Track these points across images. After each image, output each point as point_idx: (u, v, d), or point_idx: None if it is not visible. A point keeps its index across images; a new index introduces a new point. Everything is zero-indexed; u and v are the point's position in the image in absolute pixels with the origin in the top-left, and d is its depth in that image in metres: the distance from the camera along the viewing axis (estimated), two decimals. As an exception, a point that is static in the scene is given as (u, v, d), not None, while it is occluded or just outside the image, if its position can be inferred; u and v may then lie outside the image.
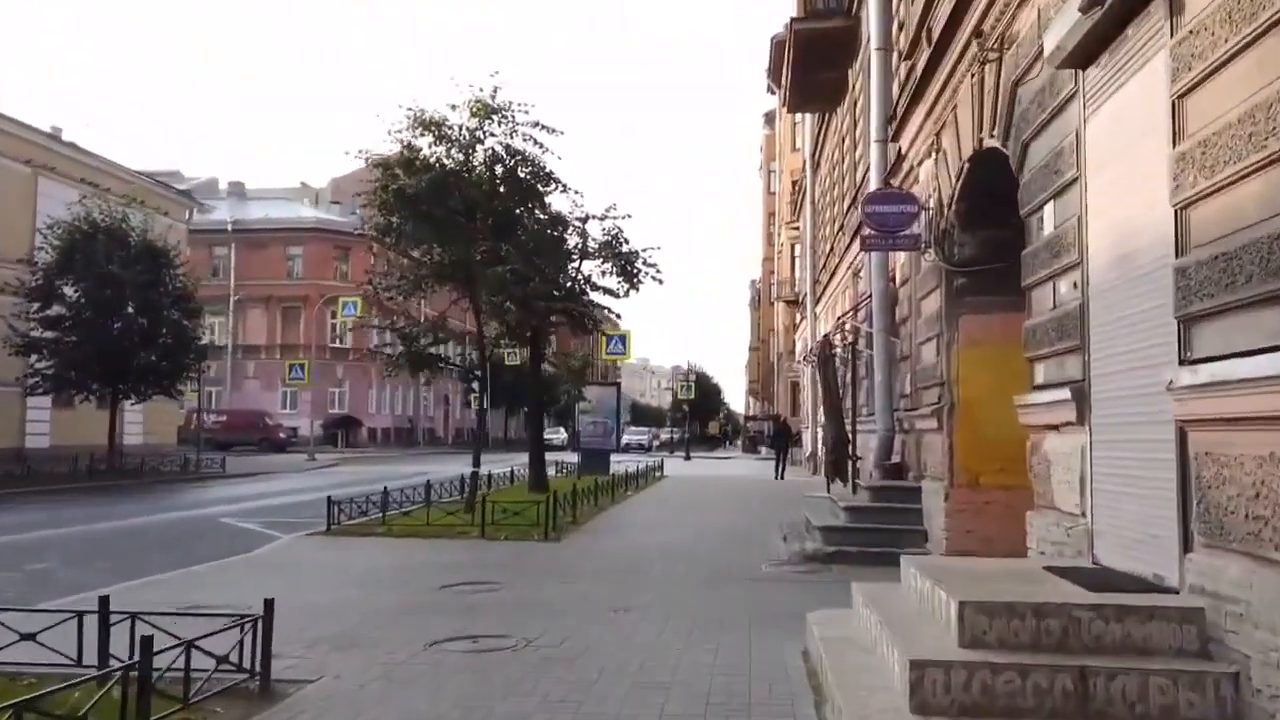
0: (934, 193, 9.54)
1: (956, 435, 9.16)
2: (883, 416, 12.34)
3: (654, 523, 14.10)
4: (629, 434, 65.82)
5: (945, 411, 9.27)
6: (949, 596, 4.21)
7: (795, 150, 51.36)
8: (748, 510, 16.63)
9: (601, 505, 16.16)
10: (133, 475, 24.90)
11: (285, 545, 11.41)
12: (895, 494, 10.99)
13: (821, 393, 14.89)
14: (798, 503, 17.95)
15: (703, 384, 79.05)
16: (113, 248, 24.08)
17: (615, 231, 19.65)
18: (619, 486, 19.33)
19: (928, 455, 10.02)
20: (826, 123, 23.18)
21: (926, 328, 9.96)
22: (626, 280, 19.96)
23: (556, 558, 10.53)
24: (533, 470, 19.34)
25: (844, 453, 14.26)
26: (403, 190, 14.27)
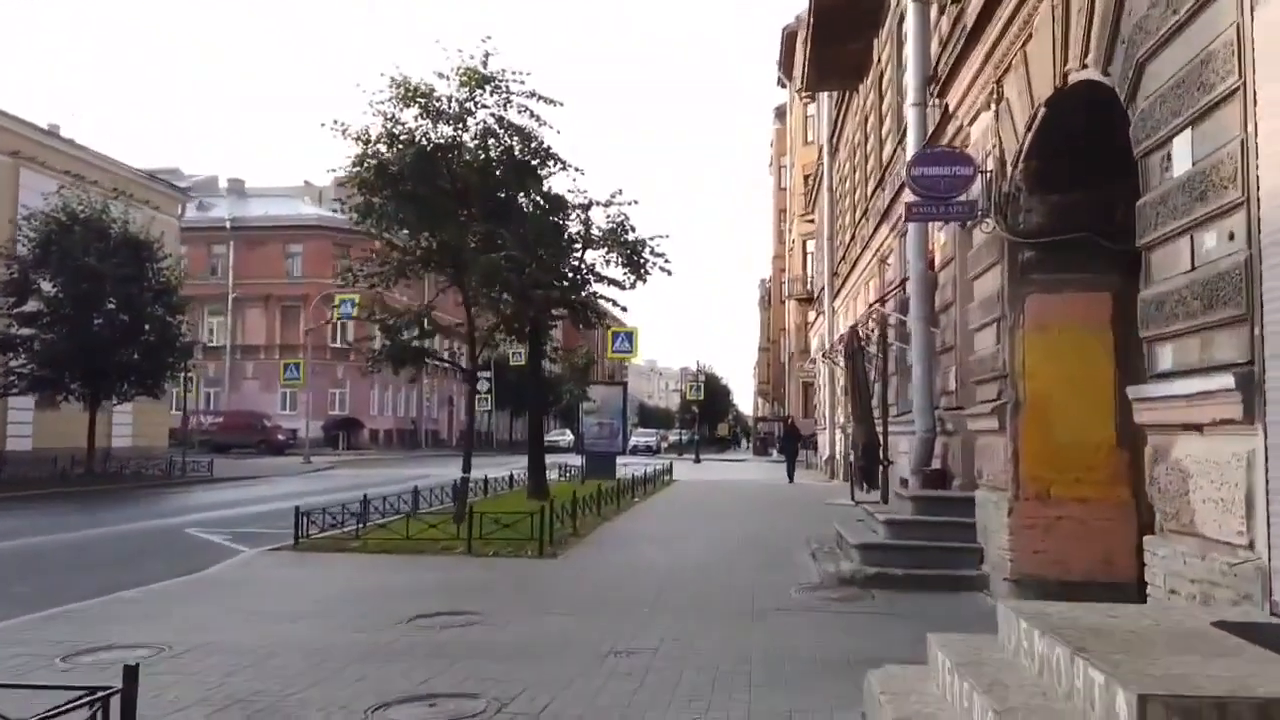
0: (993, 151, 8.09)
1: (1023, 437, 7.71)
2: (922, 416, 10.88)
3: (664, 534, 12.67)
4: (636, 436, 64.44)
5: (1008, 410, 7.82)
6: (1112, 682, 2.77)
7: (808, 143, 49.91)
8: (765, 518, 15.19)
9: (605, 514, 14.75)
10: (113, 480, 23.59)
11: (240, 564, 10.02)
12: (941, 505, 9.54)
13: (847, 390, 13.43)
14: (818, 510, 16.54)
15: (712, 385, 77.62)
16: (90, 239, 22.78)
17: (620, 219, 18.31)
18: (625, 492, 17.90)
19: (984, 461, 8.57)
20: (846, 103, 21.73)
21: (982, 311, 8.50)
22: (632, 271, 18.58)
23: (551, 579, 9.11)
24: (532, 475, 17.95)
25: (874, 457, 12.82)
26: (384, 166, 12.88)
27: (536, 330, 17.82)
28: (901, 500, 10.32)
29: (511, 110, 13.49)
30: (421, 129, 13.21)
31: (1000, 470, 8.00)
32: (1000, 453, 8.00)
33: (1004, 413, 7.89)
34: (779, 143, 63.12)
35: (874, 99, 17.02)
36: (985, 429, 8.49)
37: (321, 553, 10.59)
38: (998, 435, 8.08)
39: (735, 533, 12.88)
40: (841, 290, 23.38)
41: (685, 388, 53.34)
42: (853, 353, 12.93)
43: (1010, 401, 7.81)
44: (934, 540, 8.94)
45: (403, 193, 13.25)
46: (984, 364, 8.51)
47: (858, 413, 12.86)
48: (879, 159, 16.44)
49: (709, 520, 14.77)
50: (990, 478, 8.35)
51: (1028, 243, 7.70)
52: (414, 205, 13.32)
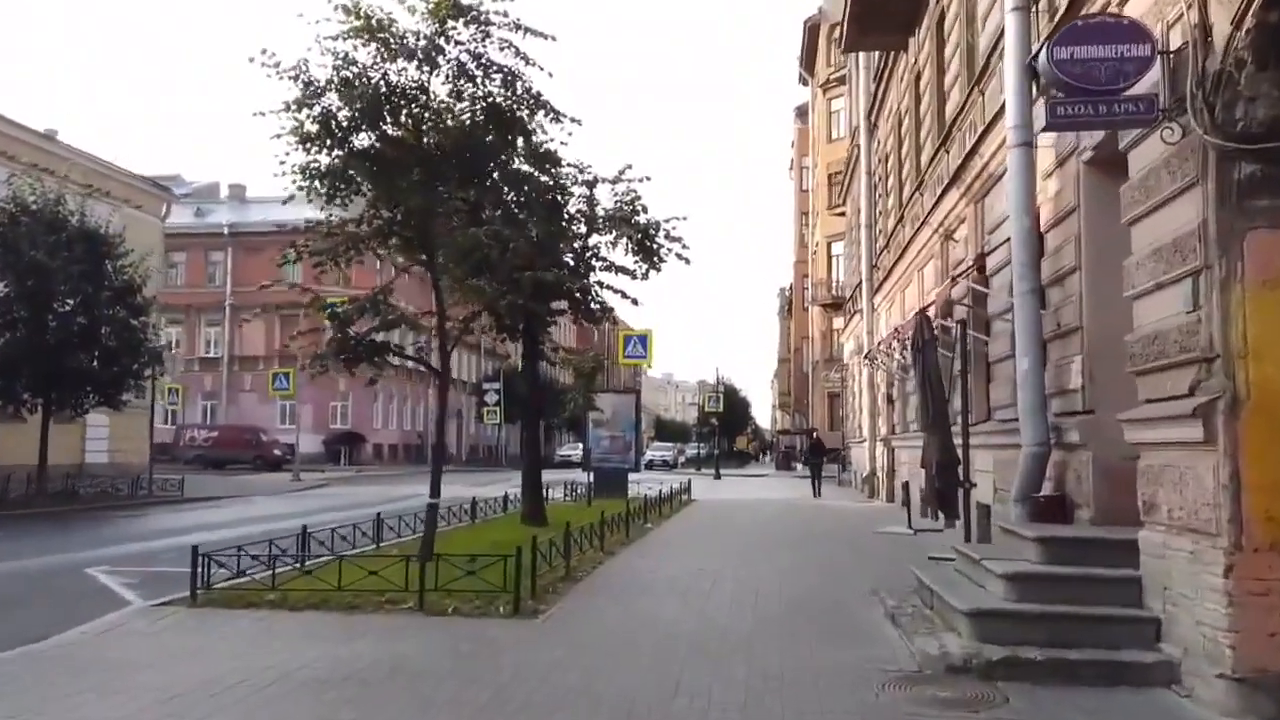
0: (1183, 16, 5.32)
1: (1247, 453, 4.92)
2: (1031, 424, 8.05)
3: (682, 577, 9.87)
4: (653, 450, 61.61)
5: (1219, 410, 5.03)
6: None
7: (832, 141, 47.31)
8: (808, 551, 12.36)
9: (611, 545, 11.99)
10: (64, 500, 21.05)
11: (103, 629, 7.30)
12: (1078, 550, 6.71)
13: (919, 390, 10.60)
14: (870, 541, 13.70)
15: (731, 397, 74.76)
16: (37, 231, 20.31)
17: (630, 198, 15.64)
18: (636, 516, 15.14)
19: (1163, 488, 5.74)
20: (889, 69, 18.97)
21: (1158, 264, 5.72)
22: (645, 258, 15.90)
23: (522, 658, 6.35)
24: (527, 497, 15.20)
25: (954, 478, 9.99)
26: (330, 115, 10.25)
27: (531, 325, 15.10)
28: (1011, 539, 7.47)
29: (491, 46, 10.81)
30: (381, 71, 10.55)
31: (1203, 504, 5.19)
32: (1203, 477, 5.20)
33: (1212, 415, 5.08)
34: (800, 143, 60.43)
35: (931, 47, 14.25)
36: (1166, 440, 5.68)
37: (224, 609, 7.88)
38: (1197, 450, 5.27)
39: (774, 575, 10.06)
40: (885, 284, 20.54)
41: (703, 400, 50.44)
42: (923, 345, 10.13)
43: (1224, 397, 5.01)
44: (1078, 604, 6.11)
45: (356, 151, 10.63)
46: (1161, 343, 5.70)
47: (931, 421, 10.04)
48: (939, 117, 13.66)
49: (739, 554, 11.95)
50: (1179, 514, 5.53)
51: (1251, 150, 4.92)
52: (367, 164, 10.69)
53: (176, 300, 51.49)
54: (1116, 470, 7.35)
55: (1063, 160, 8.13)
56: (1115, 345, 7.32)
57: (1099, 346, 7.58)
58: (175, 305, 51.57)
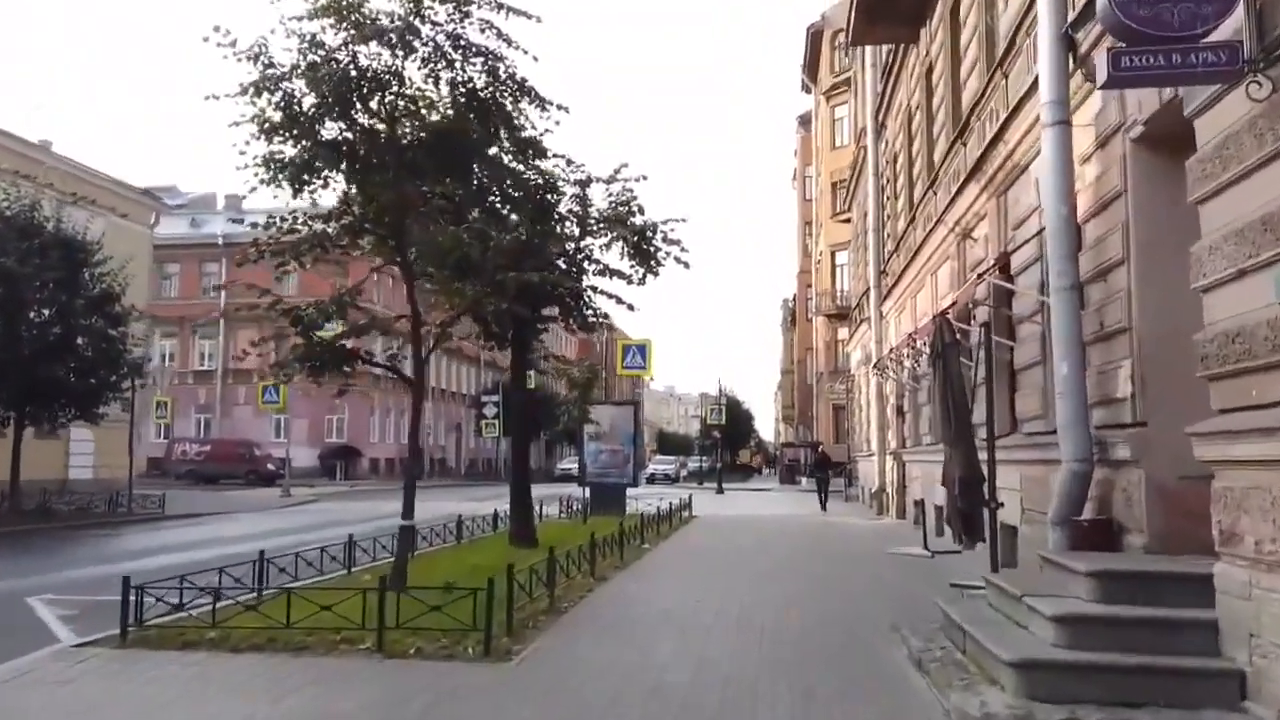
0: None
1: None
2: (1072, 437, 7.11)
3: (680, 609, 8.90)
4: (655, 464, 60.53)
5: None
6: None
7: (836, 148, 46.47)
8: (818, 576, 11.38)
9: (603, 570, 11.03)
10: (36, 518, 20.09)
11: (3, 677, 6.36)
12: (1138, 587, 5.73)
13: (939, 399, 9.64)
14: (883, 562, 12.73)
15: (734, 409, 73.68)
16: (9, 237, 19.47)
17: (625, 198, 14.74)
18: (633, 535, 14.18)
19: (1247, 515, 4.79)
20: (899, 64, 18.10)
21: (1239, 248, 4.78)
22: (641, 262, 14.99)
23: (490, 714, 5.40)
24: (515, 516, 14.25)
25: (978, 496, 9.03)
26: (293, 101, 9.38)
27: (521, 332, 14.19)
28: (1054, 571, 6.51)
29: (471, 28, 9.94)
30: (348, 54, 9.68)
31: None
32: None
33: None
34: (804, 151, 59.61)
35: (945, 36, 13.37)
36: (1252, 458, 4.73)
37: (155, 650, 6.93)
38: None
39: (781, 604, 9.08)
40: (894, 290, 19.59)
41: (705, 412, 49.42)
42: (943, 351, 9.19)
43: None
44: (1144, 653, 5.14)
45: (324, 141, 9.77)
46: (1246, 341, 4.76)
47: (953, 434, 9.09)
48: (954, 109, 12.77)
49: (742, 579, 10.98)
50: (1271, 548, 4.57)
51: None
52: (339, 157, 9.82)
53: (170, 312, 50.76)
54: (1174, 492, 6.41)
55: (1105, 140, 7.21)
56: (1170, 348, 6.40)
57: (1151, 350, 6.64)
58: (169, 317, 50.86)
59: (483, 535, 15.40)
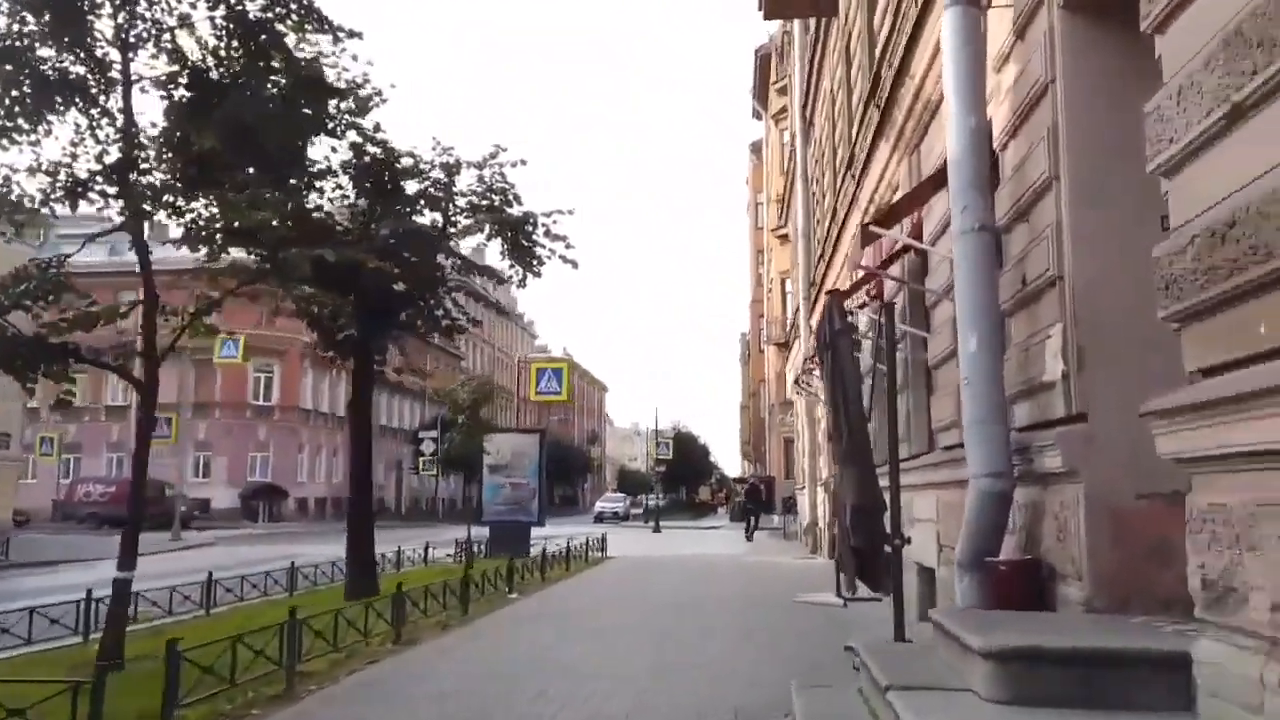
0: None
1: None
2: (982, 441, 4.92)
3: (490, 696, 6.49)
4: (603, 502, 57.88)
5: None
6: None
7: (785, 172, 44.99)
8: (709, 634, 8.99)
9: (424, 629, 8.63)
10: None
11: None
12: (1068, 677, 3.47)
13: (828, 409, 7.39)
14: (784, 609, 10.49)
15: (686, 444, 71.42)
16: None
17: (499, 185, 12.57)
18: (500, 581, 11.77)
19: (1263, 557, 2.58)
20: (822, 45, 16.24)
21: (1243, 57, 2.63)
22: (518, 260, 12.83)
23: None
24: (352, 562, 11.76)
25: (877, 529, 6.78)
26: None
27: (366, 338, 11.82)
28: (953, 647, 4.23)
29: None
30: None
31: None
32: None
33: None
34: (755, 178, 58.04)
35: None
36: (1258, 446, 2.53)
37: None
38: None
39: (645, 686, 6.68)
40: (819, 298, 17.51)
41: (650, 448, 47.05)
42: (832, 339, 6.97)
43: None
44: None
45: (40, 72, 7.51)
46: (1247, 235, 2.58)
47: (844, 448, 6.85)
48: (869, 66, 10.77)
49: (614, 642, 8.59)
50: None
51: None
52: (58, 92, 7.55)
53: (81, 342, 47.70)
54: (1129, 517, 4.25)
55: (1027, 19, 5.12)
56: (1119, 303, 4.27)
57: (1092, 307, 4.50)
58: (81, 348, 47.80)
59: (328, 583, 12.90)
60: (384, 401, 55.77)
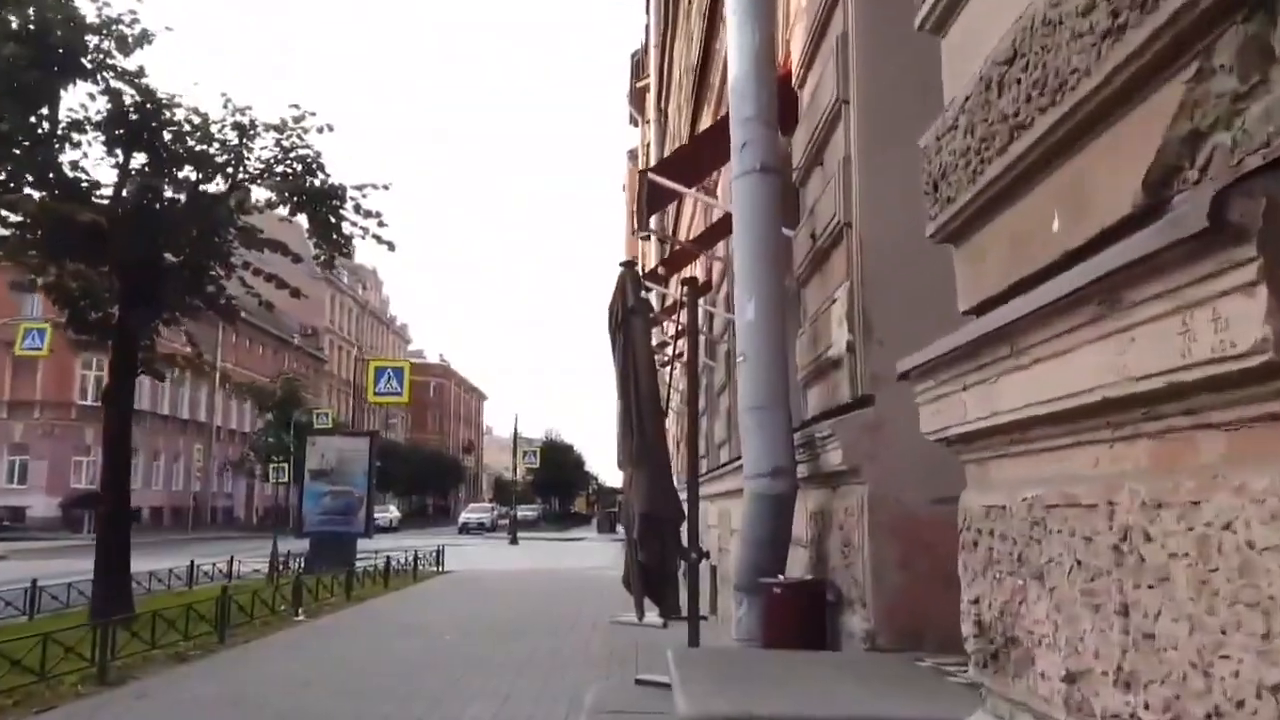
0: None
1: None
2: (759, 432, 3.91)
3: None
4: (468, 513, 55.84)
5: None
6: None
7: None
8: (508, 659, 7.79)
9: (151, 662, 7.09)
10: None
11: None
12: None
13: (619, 400, 6.31)
14: (597, 630, 9.43)
15: (560, 455, 70.06)
16: None
17: (300, 151, 11.06)
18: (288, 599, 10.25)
19: (1039, 590, 1.59)
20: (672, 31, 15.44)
21: None
22: (322, 236, 11.37)
23: None
24: (101, 576, 9.98)
25: (670, 543, 5.75)
26: None
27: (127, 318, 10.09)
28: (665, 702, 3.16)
29: None
30: None
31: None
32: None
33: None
34: (632, 185, 57.57)
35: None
36: (1040, 410, 1.53)
37: None
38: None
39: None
40: (670, 298, 16.64)
41: (516, 457, 45.47)
42: (625, 317, 5.90)
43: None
44: None
45: None
46: (1047, 58, 1.59)
47: (635, 446, 5.79)
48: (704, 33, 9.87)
49: (380, 678, 7.26)
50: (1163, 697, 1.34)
51: None
52: None
53: None
54: (921, 527, 3.30)
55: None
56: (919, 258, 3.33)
57: (883, 262, 3.55)
58: None
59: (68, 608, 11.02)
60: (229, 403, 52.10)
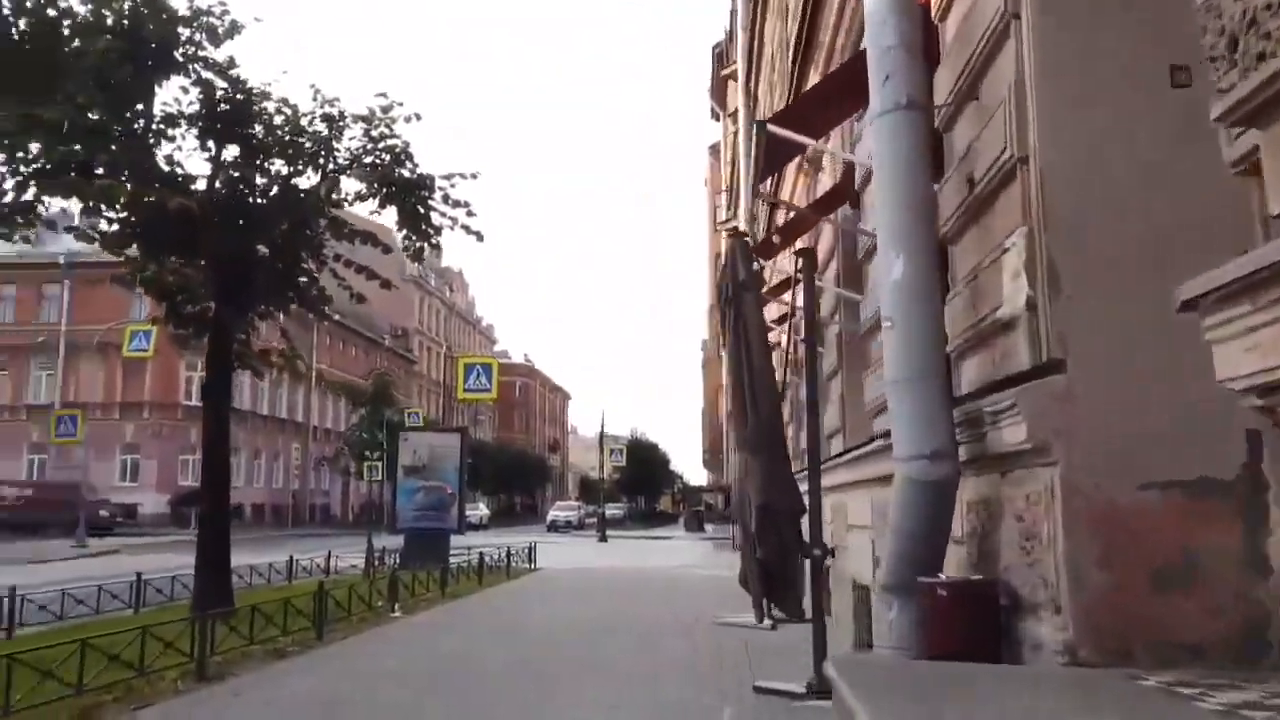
0: None
1: None
2: (913, 417, 3.36)
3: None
4: (555, 511, 55.99)
5: None
6: None
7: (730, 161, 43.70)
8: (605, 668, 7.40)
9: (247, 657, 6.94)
10: None
11: None
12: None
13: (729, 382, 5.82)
14: (703, 631, 8.94)
15: (645, 453, 69.81)
16: None
17: (390, 142, 10.91)
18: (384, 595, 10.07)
19: None
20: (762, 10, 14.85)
21: None
22: (411, 228, 11.21)
23: None
24: (202, 570, 9.96)
25: (790, 538, 5.23)
26: None
27: (222, 314, 10.08)
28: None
29: None
30: None
31: None
32: None
33: None
34: (714, 180, 56.82)
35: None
36: None
37: None
38: None
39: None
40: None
41: (603, 456, 45.31)
42: (736, 292, 5.39)
43: None
44: None
45: None
46: None
47: (750, 432, 5.27)
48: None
49: (477, 681, 6.95)
50: None
51: None
52: None
53: (2, 341, 45.06)
54: (1128, 517, 2.71)
55: None
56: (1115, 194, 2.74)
57: (1072, 201, 2.97)
58: (0, 346, 45.15)
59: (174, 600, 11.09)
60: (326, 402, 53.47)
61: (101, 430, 44.41)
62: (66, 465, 44.17)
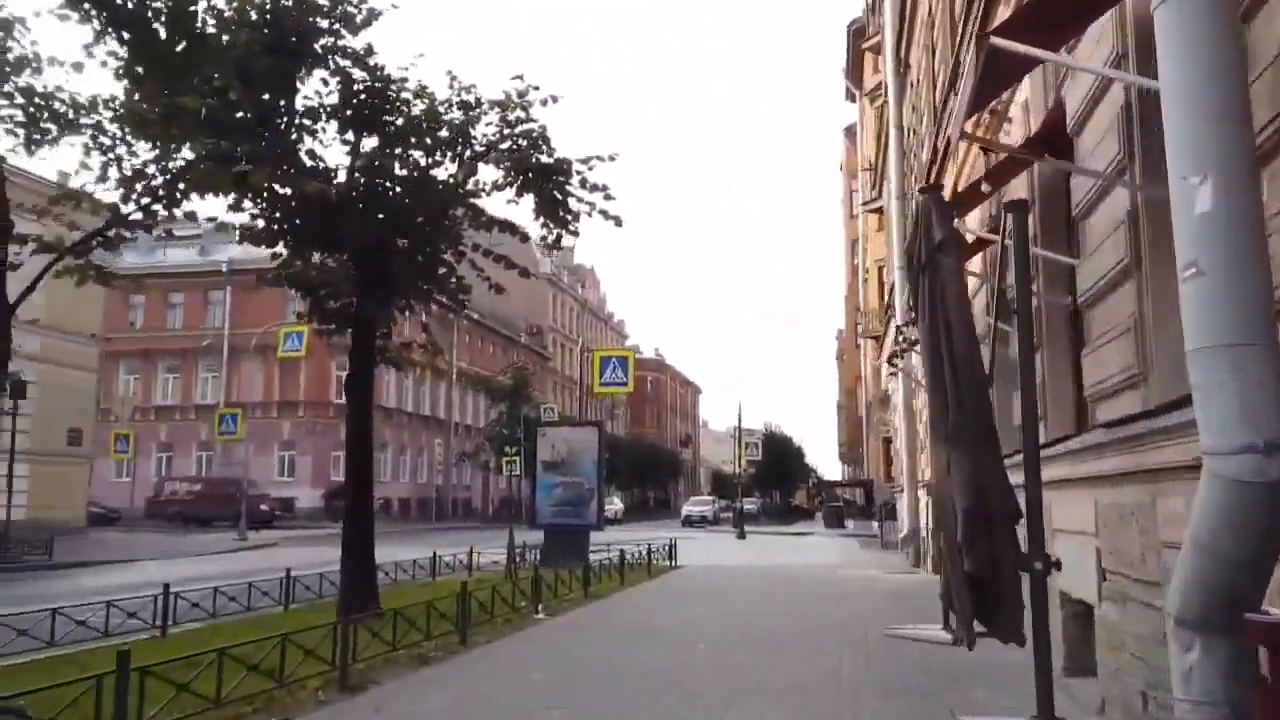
0: None
1: None
2: (1230, 396, 2.47)
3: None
4: (690, 506, 55.42)
5: None
6: None
7: (877, 137, 41.77)
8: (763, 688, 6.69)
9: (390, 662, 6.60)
10: None
11: None
12: None
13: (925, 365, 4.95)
14: (875, 646, 8.06)
15: (779, 446, 68.34)
16: None
17: (527, 128, 10.52)
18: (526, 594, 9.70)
19: None
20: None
21: None
22: (550, 216, 10.79)
23: None
24: (347, 570, 9.84)
25: (1000, 544, 4.34)
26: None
27: (364, 307, 9.92)
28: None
29: None
30: None
31: None
32: None
33: None
34: (850, 164, 54.81)
35: None
36: None
37: None
38: None
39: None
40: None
41: (738, 451, 44.36)
42: (931, 256, 4.53)
43: None
44: None
45: None
46: None
47: (952, 423, 4.42)
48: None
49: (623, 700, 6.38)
50: None
51: None
52: None
53: (174, 345, 48.26)
54: None
55: None
56: None
57: None
58: (172, 350, 48.37)
59: (320, 598, 11.06)
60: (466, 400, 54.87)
61: (261, 428, 46.91)
62: (230, 462, 46.96)
